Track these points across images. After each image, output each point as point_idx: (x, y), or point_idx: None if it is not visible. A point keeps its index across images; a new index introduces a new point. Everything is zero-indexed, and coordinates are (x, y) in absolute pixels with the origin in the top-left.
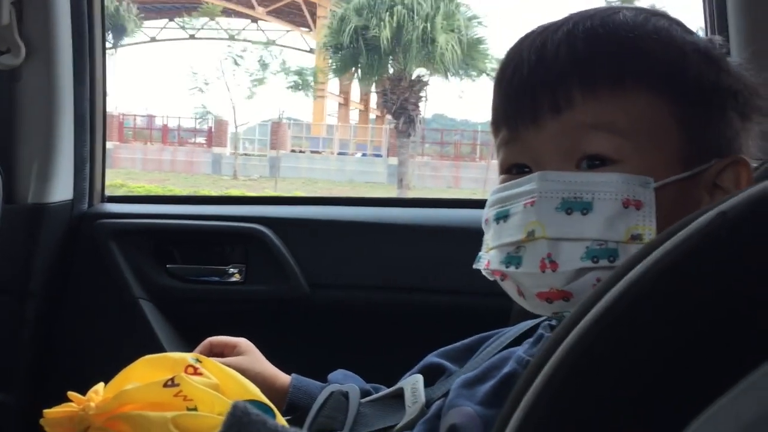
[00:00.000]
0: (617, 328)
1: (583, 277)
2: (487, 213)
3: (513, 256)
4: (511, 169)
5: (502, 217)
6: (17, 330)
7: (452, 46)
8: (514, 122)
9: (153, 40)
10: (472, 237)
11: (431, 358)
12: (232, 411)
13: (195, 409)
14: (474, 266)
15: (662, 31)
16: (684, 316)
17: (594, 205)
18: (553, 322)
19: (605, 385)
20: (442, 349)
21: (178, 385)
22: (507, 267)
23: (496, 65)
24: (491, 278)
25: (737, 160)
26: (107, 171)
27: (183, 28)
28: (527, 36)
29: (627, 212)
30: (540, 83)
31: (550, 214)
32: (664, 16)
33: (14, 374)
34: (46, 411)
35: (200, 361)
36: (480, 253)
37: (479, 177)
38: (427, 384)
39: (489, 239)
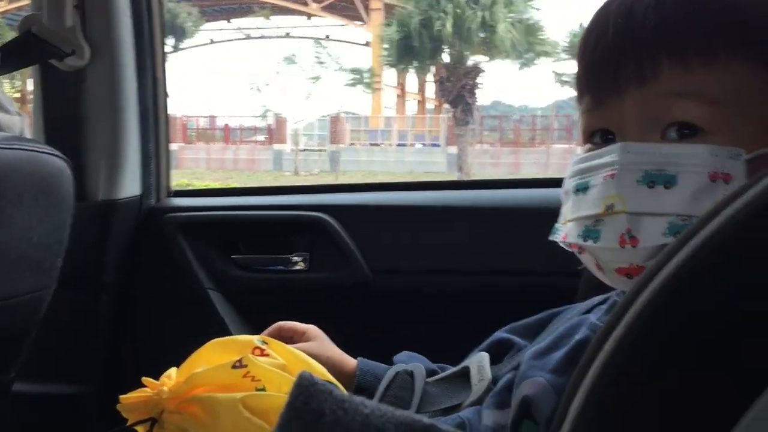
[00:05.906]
0: (687, 290)
1: None
2: (567, 184)
3: (591, 230)
4: (594, 136)
5: (581, 189)
6: (92, 322)
7: (510, 31)
8: (597, 90)
9: (212, 42)
10: (535, 217)
11: (500, 333)
12: (299, 380)
13: (263, 389)
14: (550, 238)
15: None
16: (745, 286)
17: (678, 179)
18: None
19: (675, 350)
20: (511, 324)
21: (246, 366)
22: (585, 241)
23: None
24: (569, 250)
25: None
26: (174, 171)
27: (239, 28)
28: (614, 0)
29: (714, 186)
30: (625, 50)
31: (631, 188)
32: None
33: (91, 365)
34: (122, 396)
35: (266, 343)
36: (557, 225)
37: (540, 162)
38: (495, 361)
39: (567, 211)
